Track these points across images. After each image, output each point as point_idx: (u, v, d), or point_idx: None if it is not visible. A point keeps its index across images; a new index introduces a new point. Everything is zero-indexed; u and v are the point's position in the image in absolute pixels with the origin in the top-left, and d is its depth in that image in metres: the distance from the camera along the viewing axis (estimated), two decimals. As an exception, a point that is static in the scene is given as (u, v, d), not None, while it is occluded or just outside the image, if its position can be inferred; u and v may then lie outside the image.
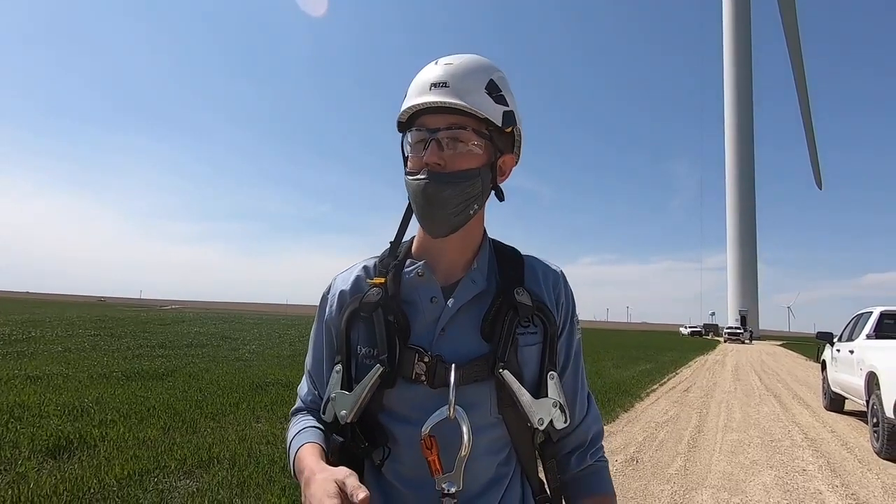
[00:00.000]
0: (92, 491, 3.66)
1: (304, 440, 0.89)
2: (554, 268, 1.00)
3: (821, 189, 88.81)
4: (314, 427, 0.93)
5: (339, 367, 0.90)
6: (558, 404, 0.89)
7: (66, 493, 3.57)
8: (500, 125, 0.88)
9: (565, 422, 0.91)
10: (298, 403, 1.02)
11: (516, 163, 0.97)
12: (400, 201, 0.97)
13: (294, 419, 1.00)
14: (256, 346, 15.49)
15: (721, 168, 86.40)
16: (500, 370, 0.85)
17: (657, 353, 24.45)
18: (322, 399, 0.96)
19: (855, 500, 4.54)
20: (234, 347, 14.69)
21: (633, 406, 9.00)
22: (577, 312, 1.00)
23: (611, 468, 4.61)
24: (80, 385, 7.63)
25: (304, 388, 1.02)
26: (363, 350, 0.89)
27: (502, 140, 0.91)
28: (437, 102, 0.85)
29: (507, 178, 0.96)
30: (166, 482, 3.93)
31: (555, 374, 0.90)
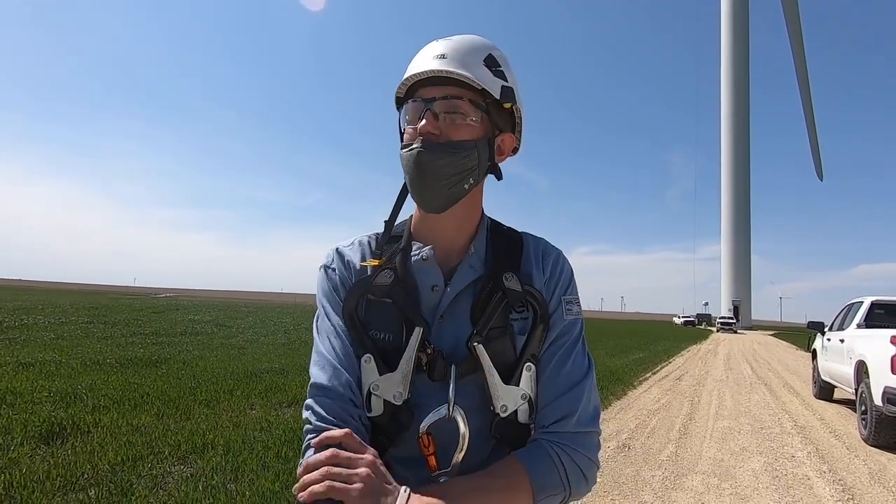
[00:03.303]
0: (85, 476, 3.66)
1: None
2: (550, 247, 0.97)
3: (822, 180, 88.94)
4: None
5: (367, 356, 0.85)
6: (528, 397, 0.85)
7: (59, 478, 3.57)
8: (497, 98, 0.86)
9: (530, 418, 0.86)
10: (315, 421, 0.81)
11: (517, 147, 0.94)
12: (395, 189, 0.95)
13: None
14: (251, 333, 15.49)
15: (716, 158, 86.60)
16: (474, 343, 0.83)
17: (650, 342, 24.65)
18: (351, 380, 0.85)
19: (842, 485, 4.61)
20: (228, 335, 14.68)
21: (625, 394, 9.07)
22: (578, 296, 0.94)
23: (603, 454, 4.57)
24: (72, 372, 7.61)
25: (324, 382, 0.84)
26: (378, 335, 0.87)
27: (501, 117, 0.89)
28: (433, 71, 0.84)
29: (505, 158, 0.93)
30: (160, 468, 3.93)
31: (532, 366, 0.86)
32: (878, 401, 5.97)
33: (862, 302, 8.47)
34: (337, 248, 0.96)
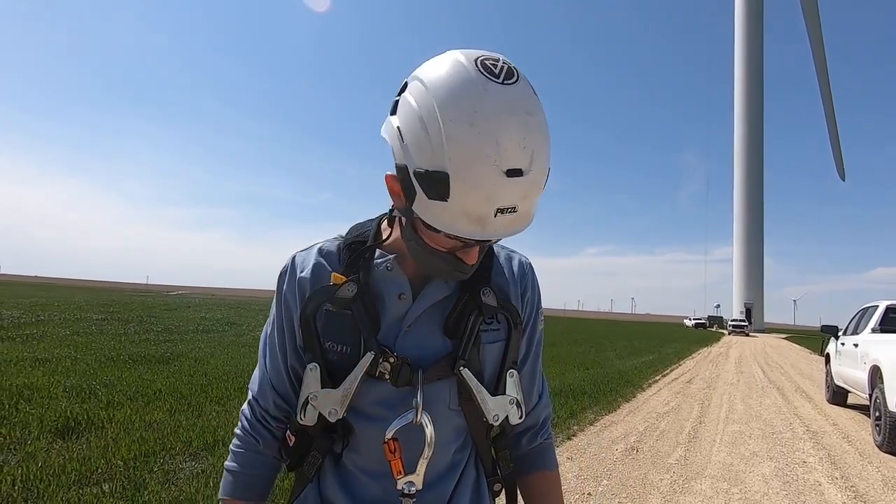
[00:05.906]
0: (99, 471, 3.73)
1: None
2: (522, 259, 0.99)
3: (843, 180, 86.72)
4: (250, 475, 0.94)
5: (313, 364, 0.85)
6: (515, 401, 0.90)
7: (73, 472, 3.64)
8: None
9: (520, 418, 0.91)
10: (244, 422, 0.98)
11: None
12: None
13: (232, 462, 0.95)
14: (260, 332, 15.60)
15: (730, 159, 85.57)
16: (461, 368, 0.85)
17: (661, 344, 24.47)
18: (285, 403, 0.93)
19: (854, 492, 4.56)
20: (239, 333, 14.81)
21: (634, 396, 9.03)
22: (542, 304, 1.01)
23: (611, 457, 4.60)
24: (87, 368, 7.73)
25: (265, 396, 0.97)
26: (335, 347, 0.85)
27: None
28: (503, 236, 0.76)
29: None
30: (172, 463, 3.99)
31: (514, 372, 0.91)
32: (892, 406, 5.90)
33: (877, 306, 8.36)
34: (293, 256, 0.93)
